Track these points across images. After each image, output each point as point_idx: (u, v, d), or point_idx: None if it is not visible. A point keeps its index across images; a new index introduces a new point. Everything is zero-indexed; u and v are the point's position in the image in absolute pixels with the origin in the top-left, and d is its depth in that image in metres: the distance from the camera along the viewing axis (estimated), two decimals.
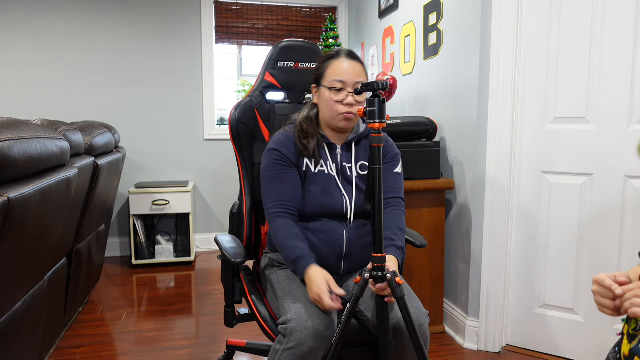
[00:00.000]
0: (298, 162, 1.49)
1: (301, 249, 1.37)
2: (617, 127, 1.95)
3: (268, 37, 4.08)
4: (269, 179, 1.47)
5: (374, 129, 1.23)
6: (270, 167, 1.48)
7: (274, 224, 1.43)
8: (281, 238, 1.40)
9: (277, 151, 1.48)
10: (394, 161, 1.55)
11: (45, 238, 1.56)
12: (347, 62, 1.45)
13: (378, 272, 1.22)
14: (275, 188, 1.45)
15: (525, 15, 2.10)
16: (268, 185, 1.47)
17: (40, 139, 1.41)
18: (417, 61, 2.79)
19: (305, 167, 1.49)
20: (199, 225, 3.99)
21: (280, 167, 1.47)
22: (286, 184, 1.45)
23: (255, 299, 1.55)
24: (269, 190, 1.47)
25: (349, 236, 1.46)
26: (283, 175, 1.46)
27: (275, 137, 1.53)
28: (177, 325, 2.53)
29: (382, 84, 1.20)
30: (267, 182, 1.48)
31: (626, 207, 1.97)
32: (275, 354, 1.27)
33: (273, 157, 1.48)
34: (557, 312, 2.16)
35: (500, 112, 2.14)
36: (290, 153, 1.48)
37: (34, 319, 1.61)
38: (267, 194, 1.47)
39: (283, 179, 1.46)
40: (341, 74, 1.43)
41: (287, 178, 1.46)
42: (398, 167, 1.56)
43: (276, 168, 1.47)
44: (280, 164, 1.47)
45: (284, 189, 1.45)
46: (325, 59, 1.48)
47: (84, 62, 3.67)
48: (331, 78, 1.44)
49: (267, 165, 1.48)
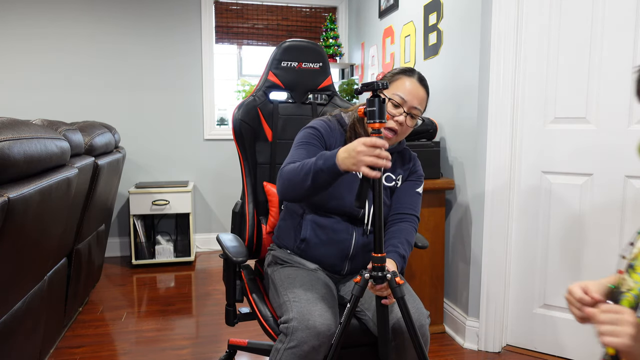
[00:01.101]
0: (329, 147, 1.48)
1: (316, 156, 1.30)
2: (617, 127, 1.95)
3: (268, 37, 4.08)
4: (297, 146, 1.44)
5: (374, 129, 1.23)
6: (303, 137, 1.46)
7: (286, 167, 1.36)
8: (297, 164, 1.32)
9: (314, 128, 1.47)
10: (418, 181, 1.57)
11: (45, 238, 1.56)
12: (416, 84, 1.44)
13: (378, 272, 1.22)
14: (298, 153, 1.42)
15: (525, 15, 2.10)
16: (294, 151, 1.43)
17: (40, 139, 1.41)
18: (417, 61, 2.79)
19: None
20: (199, 225, 3.99)
21: (313, 139, 1.45)
22: (309, 154, 1.40)
23: (256, 298, 1.55)
24: (293, 154, 1.42)
25: (358, 240, 1.47)
26: (310, 146, 1.44)
27: (318, 121, 1.50)
28: (178, 325, 2.53)
29: (382, 83, 1.20)
30: (295, 148, 1.44)
31: (626, 207, 1.97)
32: (277, 353, 1.27)
33: (309, 132, 1.46)
34: (557, 312, 2.16)
35: (500, 112, 2.14)
36: (327, 137, 1.47)
37: (34, 319, 1.61)
38: (290, 156, 1.42)
39: (309, 149, 1.43)
40: (406, 92, 1.42)
41: (313, 150, 1.42)
42: (420, 188, 1.57)
43: (309, 140, 1.45)
44: (313, 137, 1.45)
45: (306, 156, 1.39)
46: (398, 71, 1.47)
47: (84, 62, 3.67)
48: (395, 91, 1.43)
49: (301, 137, 1.46)
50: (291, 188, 1.33)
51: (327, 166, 1.23)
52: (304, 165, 1.29)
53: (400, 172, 1.55)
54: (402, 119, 1.42)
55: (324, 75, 1.82)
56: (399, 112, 1.42)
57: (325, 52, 4.00)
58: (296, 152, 1.43)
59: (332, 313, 1.31)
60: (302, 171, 1.28)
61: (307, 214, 1.49)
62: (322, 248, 1.47)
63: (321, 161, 1.25)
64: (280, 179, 1.36)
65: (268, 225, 1.74)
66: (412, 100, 1.42)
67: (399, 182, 1.55)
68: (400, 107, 1.42)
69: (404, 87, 1.43)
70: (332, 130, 1.49)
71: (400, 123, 1.42)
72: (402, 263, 1.40)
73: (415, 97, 1.42)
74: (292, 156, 1.42)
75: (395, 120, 1.42)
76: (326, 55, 1.86)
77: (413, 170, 1.57)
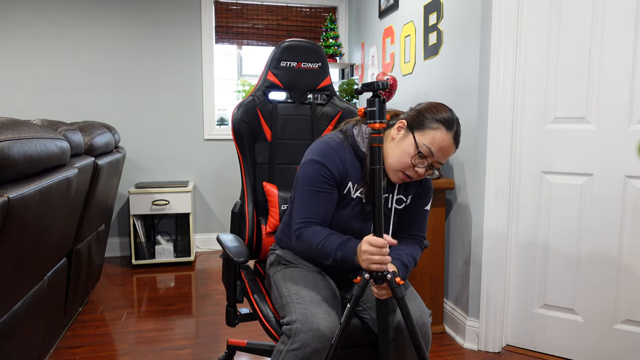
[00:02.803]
0: (342, 182, 1.40)
1: (340, 236, 1.32)
2: (617, 127, 1.95)
3: (268, 37, 4.08)
4: (309, 192, 1.37)
5: (374, 129, 1.23)
6: (313, 181, 1.37)
7: (306, 231, 1.35)
8: (317, 241, 1.33)
9: (326, 167, 1.36)
10: (427, 197, 1.50)
11: (45, 238, 1.56)
12: (450, 141, 1.32)
13: (378, 272, 1.22)
14: (313, 203, 1.37)
15: (525, 15, 2.10)
16: (305, 199, 1.38)
17: (40, 139, 1.41)
18: (417, 61, 2.79)
19: (346, 190, 1.41)
20: (199, 225, 3.99)
21: (324, 184, 1.37)
22: (324, 203, 1.37)
23: (257, 299, 1.55)
24: (305, 203, 1.37)
25: None
26: (323, 193, 1.37)
27: (322, 147, 1.40)
28: (177, 325, 2.53)
29: (382, 84, 1.20)
30: (306, 194, 1.38)
31: (626, 207, 1.97)
32: (279, 354, 1.26)
33: (320, 172, 1.36)
34: (557, 312, 2.16)
35: (500, 112, 2.14)
36: (337, 172, 1.38)
37: (34, 319, 1.61)
38: (302, 206, 1.38)
39: (322, 197, 1.37)
40: (439, 148, 1.31)
41: (327, 198, 1.37)
42: (428, 205, 1.51)
43: (319, 185, 1.37)
44: (325, 182, 1.37)
45: (321, 208, 1.37)
46: (438, 119, 1.32)
47: (84, 62, 3.67)
48: (427, 141, 1.31)
49: (311, 177, 1.38)
50: (311, 256, 1.42)
51: (344, 260, 1.29)
52: (324, 246, 1.32)
53: (412, 192, 1.49)
54: (422, 171, 1.34)
55: (323, 75, 1.82)
56: (422, 162, 1.33)
57: (325, 52, 4.01)
58: (310, 203, 1.37)
59: (335, 315, 1.31)
60: (321, 252, 1.33)
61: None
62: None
63: (341, 254, 1.29)
64: (300, 244, 1.38)
65: (268, 226, 1.73)
66: (439, 157, 1.33)
67: (408, 202, 1.49)
68: (425, 159, 1.33)
69: (437, 141, 1.31)
70: (341, 158, 1.39)
71: (419, 174, 1.35)
72: (404, 272, 1.36)
73: (444, 155, 1.33)
74: (304, 207, 1.37)
75: (415, 171, 1.34)
76: (325, 55, 1.86)
77: (424, 186, 1.50)
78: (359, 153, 1.40)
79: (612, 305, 2.02)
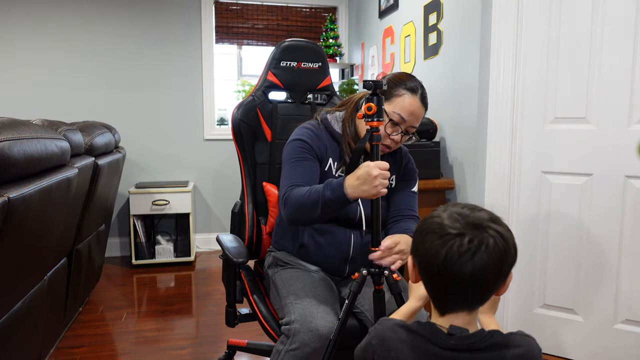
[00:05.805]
0: (322, 158, 1.46)
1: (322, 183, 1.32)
2: (617, 127, 1.95)
3: (268, 37, 4.08)
4: (292, 164, 1.42)
5: (373, 127, 1.23)
6: (293, 154, 1.43)
7: (291, 193, 1.35)
8: (303, 192, 1.32)
9: (304, 141, 1.44)
10: (412, 180, 1.56)
11: (45, 238, 1.56)
12: (418, 105, 1.39)
13: (375, 268, 1.23)
14: (296, 171, 1.40)
15: (525, 15, 2.10)
16: (288, 170, 1.42)
17: (40, 139, 1.41)
18: (417, 61, 2.79)
19: (327, 167, 1.46)
20: (199, 225, 3.99)
21: (304, 153, 1.43)
22: (307, 169, 1.41)
23: (257, 299, 1.55)
24: (290, 173, 1.41)
25: (357, 241, 1.47)
26: (306, 161, 1.42)
27: (302, 130, 1.47)
28: (177, 325, 2.53)
29: (381, 83, 1.20)
30: (289, 167, 1.42)
31: (626, 207, 1.96)
32: (278, 354, 1.27)
33: (298, 146, 1.44)
34: (557, 312, 2.16)
35: (500, 112, 2.14)
36: (316, 146, 1.45)
37: (34, 319, 1.61)
38: (287, 177, 1.41)
39: (305, 165, 1.42)
40: (408, 112, 1.38)
41: (308, 165, 1.42)
42: (415, 187, 1.56)
43: (300, 155, 1.42)
44: (304, 151, 1.43)
45: (305, 174, 1.40)
46: (401, 84, 1.39)
47: (84, 62, 3.67)
48: (396, 109, 1.38)
49: (290, 152, 1.44)
50: (300, 216, 1.34)
51: (335, 197, 1.24)
52: (310, 194, 1.29)
53: (394, 172, 1.55)
54: (398, 138, 1.41)
55: (323, 75, 1.82)
56: (396, 130, 1.40)
57: (325, 52, 4.01)
58: (293, 171, 1.40)
59: (334, 315, 1.31)
60: (309, 200, 1.29)
61: None
62: (321, 252, 1.47)
63: (329, 192, 1.25)
64: (288, 207, 1.35)
65: (267, 226, 1.73)
66: (411, 121, 1.40)
67: (393, 183, 1.54)
68: (398, 125, 1.40)
69: (406, 107, 1.38)
70: (319, 137, 1.47)
71: (396, 142, 1.42)
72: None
73: (415, 118, 1.40)
74: (289, 177, 1.40)
75: (391, 139, 1.41)
76: (325, 55, 1.86)
77: (406, 168, 1.56)
78: (334, 134, 1.49)
79: (612, 305, 2.02)
